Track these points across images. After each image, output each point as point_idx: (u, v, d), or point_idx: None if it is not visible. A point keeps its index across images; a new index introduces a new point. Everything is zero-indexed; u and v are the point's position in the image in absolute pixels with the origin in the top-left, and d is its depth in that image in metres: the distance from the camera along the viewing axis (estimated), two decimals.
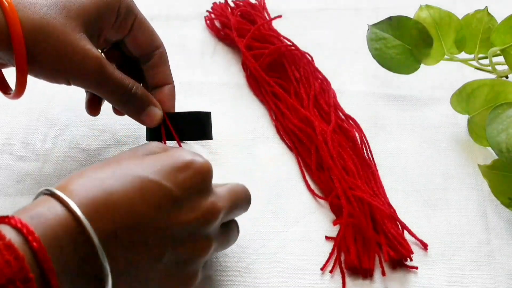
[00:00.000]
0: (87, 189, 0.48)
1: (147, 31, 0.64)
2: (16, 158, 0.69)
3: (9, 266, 0.43)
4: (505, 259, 0.63)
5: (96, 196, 0.47)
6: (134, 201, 0.48)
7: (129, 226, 0.48)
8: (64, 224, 0.46)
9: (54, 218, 0.46)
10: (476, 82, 0.69)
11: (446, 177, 0.68)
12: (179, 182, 0.50)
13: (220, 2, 0.82)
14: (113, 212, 0.47)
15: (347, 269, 0.61)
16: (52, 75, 0.59)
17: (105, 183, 0.48)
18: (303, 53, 0.76)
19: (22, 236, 0.45)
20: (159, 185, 0.50)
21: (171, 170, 0.51)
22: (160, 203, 0.49)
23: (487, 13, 0.71)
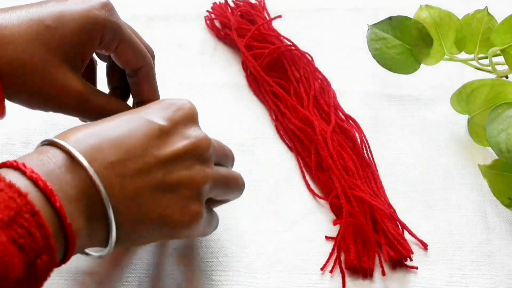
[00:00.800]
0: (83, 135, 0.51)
1: (134, 50, 0.62)
2: (16, 158, 0.68)
3: (15, 202, 0.44)
4: (505, 259, 0.63)
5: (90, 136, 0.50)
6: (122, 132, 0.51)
7: (122, 157, 0.50)
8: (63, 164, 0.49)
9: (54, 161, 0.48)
10: (476, 82, 0.69)
11: (446, 177, 0.68)
12: (166, 117, 0.53)
13: (220, 2, 0.82)
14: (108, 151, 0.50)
15: (347, 269, 0.61)
16: (32, 107, 0.60)
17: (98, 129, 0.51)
18: (303, 53, 0.76)
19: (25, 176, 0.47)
20: (147, 120, 0.52)
21: (159, 108, 0.54)
22: (149, 134, 0.52)
23: (487, 13, 0.71)
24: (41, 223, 0.45)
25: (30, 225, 0.44)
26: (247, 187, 0.66)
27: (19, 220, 0.44)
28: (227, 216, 0.65)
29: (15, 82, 0.57)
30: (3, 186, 0.45)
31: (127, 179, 0.50)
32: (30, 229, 0.44)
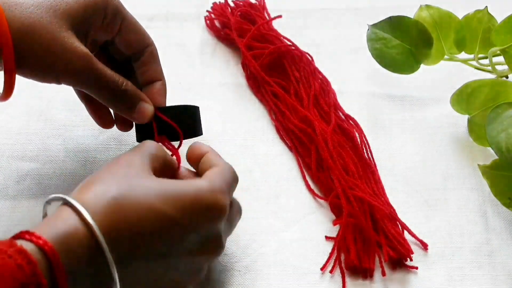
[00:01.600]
0: (110, 214, 0.49)
1: (137, 30, 0.64)
2: (16, 158, 0.69)
3: (22, 271, 0.43)
4: (505, 259, 0.63)
5: (118, 226, 0.49)
6: (151, 232, 0.50)
7: (143, 253, 0.50)
8: (86, 249, 0.48)
9: (78, 244, 0.48)
10: (476, 82, 0.69)
11: (446, 177, 0.68)
12: (196, 224, 0.52)
13: (220, 2, 0.82)
14: (131, 237, 0.50)
15: (347, 269, 0.62)
16: (40, 74, 0.59)
17: (126, 208, 0.50)
18: (303, 53, 0.76)
19: (46, 258, 0.46)
20: (178, 224, 0.51)
21: (190, 210, 0.52)
22: (174, 239, 0.52)
23: (487, 13, 0.71)
24: None
25: None
26: (247, 187, 0.66)
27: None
28: None
29: (26, 46, 0.56)
30: (13, 252, 0.44)
31: (135, 262, 0.50)
32: None
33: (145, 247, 0.50)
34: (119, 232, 0.49)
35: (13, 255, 0.44)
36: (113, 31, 0.63)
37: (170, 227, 0.51)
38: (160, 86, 0.65)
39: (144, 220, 0.50)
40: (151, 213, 0.51)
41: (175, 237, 0.51)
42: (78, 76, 0.59)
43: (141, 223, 0.50)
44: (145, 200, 0.51)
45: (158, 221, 0.51)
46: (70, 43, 0.57)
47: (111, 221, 0.49)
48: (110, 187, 0.51)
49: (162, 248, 0.51)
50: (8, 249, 0.44)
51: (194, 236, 0.52)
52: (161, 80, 0.65)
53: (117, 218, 0.49)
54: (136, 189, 0.51)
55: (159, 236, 0.51)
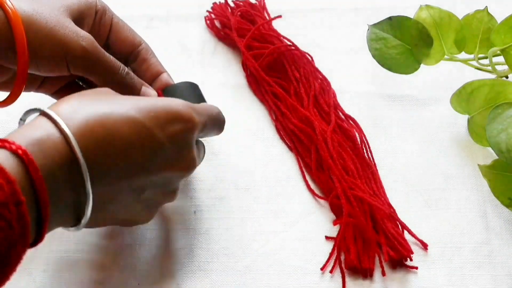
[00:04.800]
0: (83, 118, 0.50)
1: (127, 28, 0.65)
2: None
3: (2, 190, 0.44)
4: (505, 259, 0.63)
5: (92, 128, 0.50)
6: (125, 141, 0.51)
7: (118, 165, 0.51)
8: (61, 155, 0.49)
9: (53, 147, 0.48)
10: (476, 82, 0.69)
11: (446, 177, 0.68)
12: (169, 134, 0.54)
13: (220, 2, 0.82)
14: (107, 149, 0.51)
15: (347, 269, 0.62)
16: (50, 61, 0.59)
17: (101, 116, 0.51)
18: (303, 53, 0.76)
19: (22, 164, 0.46)
20: (151, 132, 0.53)
21: (164, 119, 0.54)
22: (148, 149, 0.53)
23: (487, 13, 0.71)
24: (22, 214, 0.45)
25: (12, 217, 0.44)
26: (247, 187, 0.66)
27: (3, 212, 0.44)
28: (227, 216, 0.65)
29: (31, 30, 0.57)
30: None
31: (116, 185, 0.52)
32: (12, 222, 0.44)
33: (121, 158, 0.51)
34: (95, 141, 0.50)
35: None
36: (105, 31, 0.64)
37: (146, 138, 0.52)
38: (167, 77, 0.66)
39: (120, 129, 0.51)
40: (127, 123, 0.52)
41: (150, 148, 0.53)
42: (84, 58, 0.60)
43: (117, 133, 0.51)
44: (121, 110, 0.52)
45: (135, 132, 0.52)
46: (73, 26, 0.59)
47: (86, 129, 0.50)
48: (85, 98, 0.52)
49: (138, 160, 0.52)
50: None
51: (169, 147, 0.54)
52: (165, 71, 0.66)
53: (93, 127, 0.50)
54: (112, 100, 0.53)
55: (135, 147, 0.52)
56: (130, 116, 0.52)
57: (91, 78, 0.62)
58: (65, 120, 0.50)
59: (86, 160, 0.49)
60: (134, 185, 0.53)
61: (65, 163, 0.49)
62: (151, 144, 0.53)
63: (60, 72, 0.60)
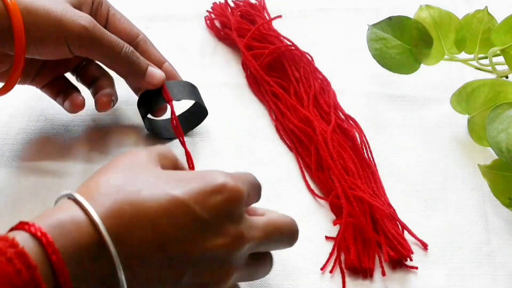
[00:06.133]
0: (113, 200, 0.46)
1: (124, 20, 0.66)
2: (16, 158, 0.69)
3: (20, 276, 0.41)
4: (505, 259, 0.63)
5: (122, 210, 0.46)
6: (161, 220, 0.47)
7: (153, 244, 0.46)
8: (85, 237, 0.45)
9: (76, 229, 0.45)
10: (476, 82, 0.69)
11: (446, 177, 0.68)
12: (208, 207, 0.48)
13: (220, 2, 0.82)
14: (138, 229, 0.46)
15: (347, 269, 0.61)
16: (50, 43, 0.59)
17: (131, 196, 0.47)
18: (303, 53, 0.76)
19: (41, 247, 0.44)
20: (188, 207, 0.48)
21: (202, 193, 0.49)
22: (187, 225, 0.48)
23: (487, 13, 0.71)
24: None
25: None
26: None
27: None
28: None
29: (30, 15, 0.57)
30: (13, 254, 0.42)
31: (151, 270, 0.47)
32: None
33: (153, 240, 0.46)
34: (123, 223, 0.46)
35: (13, 258, 0.42)
36: (102, 22, 0.64)
37: (182, 215, 0.47)
38: (169, 66, 0.67)
39: (154, 208, 0.47)
40: (157, 196, 0.47)
41: (187, 225, 0.47)
42: (86, 37, 0.59)
43: (149, 213, 0.46)
44: (154, 186, 0.47)
45: (169, 210, 0.47)
46: (71, 8, 0.60)
47: (113, 212, 0.46)
48: (114, 176, 0.48)
49: (171, 235, 0.47)
50: (7, 250, 0.42)
51: (210, 222, 0.48)
52: (166, 61, 0.66)
53: (120, 209, 0.46)
54: (142, 177, 0.48)
55: (168, 221, 0.47)
56: (163, 192, 0.47)
57: (95, 58, 0.61)
58: (92, 203, 0.46)
59: (116, 246, 0.45)
60: (173, 266, 0.48)
61: (91, 246, 0.45)
62: (188, 219, 0.47)
63: (62, 54, 0.60)
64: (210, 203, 0.49)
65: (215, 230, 0.49)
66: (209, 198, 0.49)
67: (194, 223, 0.48)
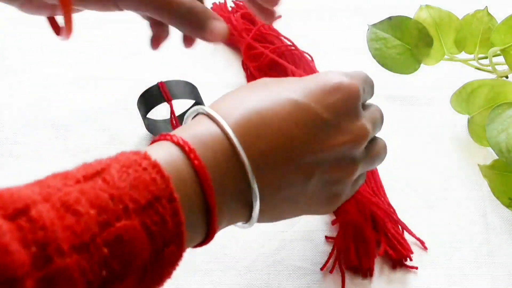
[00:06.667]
0: (240, 111, 0.49)
1: None
2: (16, 158, 0.69)
3: (156, 184, 0.42)
4: (505, 259, 0.63)
5: (249, 119, 0.48)
6: (285, 123, 0.49)
7: (280, 148, 0.48)
8: (220, 145, 0.47)
9: (211, 138, 0.47)
10: (476, 82, 0.69)
11: (446, 177, 0.68)
12: (328, 105, 0.50)
13: (220, 2, 0.82)
14: (265, 134, 0.48)
15: (347, 269, 0.61)
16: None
17: (256, 105, 0.49)
18: (303, 53, 0.76)
19: (184, 154, 0.46)
20: (309, 107, 0.50)
21: (320, 93, 0.51)
22: (310, 125, 0.50)
23: (487, 13, 0.71)
24: (176, 211, 0.43)
25: (165, 212, 0.42)
26: None
27: (156, 205, 0.42)
28: None
29: None
30: (147, 164, 0.43)
31: (280, 173, 0.49)
32: (165, 217, 0.42)
33: (281, 142, 0.49)
34: (253, 131, 0.48)
35: (148, 167, 0.43)
36: None
37: (304, 114, 0.49)
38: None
39: (276, 113, 0.49)
40: (282, 105, 0.49)
41: (311, 124, 0.50)
42: None
43: (274, 117, 0.49)
44: (275, 95, 0.50)
45: (291, 112, 0.49)
46: None
47: (243, 122, 0.48)
48: (238, 92, 0.51)
49: (300, 140, 0.49)
50: (142, 160, 0.43)
51: (332, 119, 0.50)
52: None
53: (249, 118, 0.48)
54: (263, 87, 0.51)
55: (294, 127, 0.49)
56: (284, 98, 0.49)
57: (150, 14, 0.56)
58: (223, 115, 0.48)
59: (246, 152, 0.47)
60: (301, 167, 0.50)
61: (226, 154, 0.47)
62: (311, 120, 0.50)
63: (107, 9, 0.57)
64: (330, 102, 0.50)
65: (338, 128, 0.51)
66: (328, 97, 0.51)
67: (317, 124, 0.50)
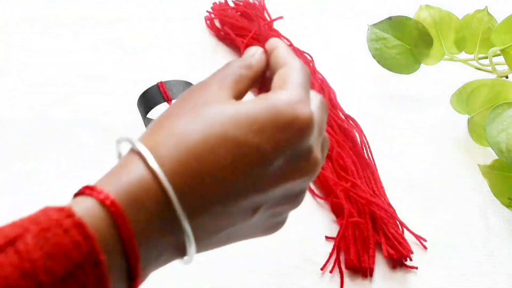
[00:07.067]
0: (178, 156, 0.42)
1: None
2: (16, 158, 0.69)
3: (78, 249, 0.38)
4: (505, 259, 0.63)
5: (189, 168, 0.42)
6: (228, 169, 0.43)
7: (221, 195, 0.43)
8: (154, 202, 0.41)
9: (145, 194, 0.41)
10: (476, 82, 0.69)
11: (446, 177, 0.68)
12: (278, 144, 0.44)
13: (220, 2, 0.82)
14: (205, 182, 0.43)
15: (347, 269, 0.62)
16: None
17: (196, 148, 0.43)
18: (303, 53, 0.76)
19: (109, 214, 0.40)
20: (258, 149, 0.44)
21: (270, 130, 0.44)
22: (257, 168, 0.44)
23: (487, 13, 0.71)
24: (102, 275, 0.39)
25: (87, 279, 0.38)
26: None
27: (78, 274, 0.38)
28: None
29: None
30: (70, 224, 0.39)
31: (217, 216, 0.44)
32: (88, 285, 0.38)
33: (223, 187, 0.43)
34: (190, 178, 0.42)
35: (70, 229, 0.38)
36: None
37: (251, 157, 0.43)
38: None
39: (218, 155, 0.43)
40: (226, 145, 0.43)
41: (258, 167, 0.43)
42: None
43: (215, 161, 0.42)
44: (217, 129, 0.43)
45: (236, 154, 0.43)
46: None
47: (182, 169, 0.42)
48: (180, 121, 0.44)
49: (244, 184, 0.43)
50: (64, 220, 0.39)
51: (283, 159, 0.44)
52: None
53: (186, 163, 0.42)
54: (210, 120, 0.44)
55: (239, 171, 0.43)
56: (230, 138, 0.43)
57: None
58: (160, 160, 0.42)
59: (183, 205, 0.42)
60: (244, 209, 0.45)
61: (161, 213, 0.42)
62: (259, 163, 0.44)
63: None
64: (281, 139, 0.44)
65: (288, 166, 0.45)
66: (280, 135, 0.44)
67: (266, 164, 0.44)
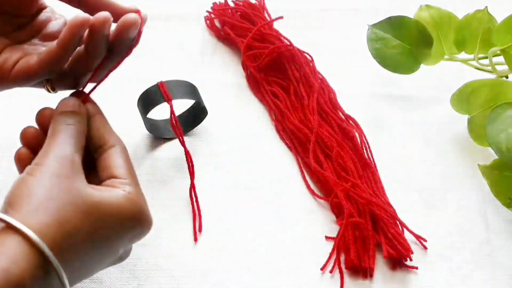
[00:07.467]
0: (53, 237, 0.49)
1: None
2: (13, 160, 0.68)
3: None
4: (505, 259, 0.63)
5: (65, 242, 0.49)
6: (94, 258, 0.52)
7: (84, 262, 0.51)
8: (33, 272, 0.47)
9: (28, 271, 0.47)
10: (476, 82, 0.69)
11: (446, 177, 0.68)
12: (128, 247, 0.56)
13: (220, 2, 0.82)
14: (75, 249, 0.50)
15: (347, 269, 0.62)
16: None
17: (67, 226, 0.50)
18: (303, 53, 0.76)
19: None
20: (114, 251, 0.53)
21: (129, 227, 0.53)
22: (110, 262, 0.54)
23: (487, 13, 0.71)
24: None
25: None
26: (247, 187, 0.66)
27: None
28: (227, 216, 0.65)
29: None
30: None
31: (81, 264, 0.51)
32: None
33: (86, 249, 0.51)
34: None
35: None
36: None
37: (98, 241, 0.51)
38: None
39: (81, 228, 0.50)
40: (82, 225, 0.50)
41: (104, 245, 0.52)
42: None
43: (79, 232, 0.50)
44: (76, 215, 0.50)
45: (89, 236, 0.50)
46: None
47: (54, 237, 0.49)
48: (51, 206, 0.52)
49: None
50: None
51: (118, 251, 0.54)
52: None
53: (61, 234, 0.49)
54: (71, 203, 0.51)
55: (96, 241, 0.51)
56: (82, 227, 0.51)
57: None
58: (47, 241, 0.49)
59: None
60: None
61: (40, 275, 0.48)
62: (112, 257, 0.54)
63: None
64: (130, 242, 0.54)
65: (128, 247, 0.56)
66: (133, 239, 0.54)
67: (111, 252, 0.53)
